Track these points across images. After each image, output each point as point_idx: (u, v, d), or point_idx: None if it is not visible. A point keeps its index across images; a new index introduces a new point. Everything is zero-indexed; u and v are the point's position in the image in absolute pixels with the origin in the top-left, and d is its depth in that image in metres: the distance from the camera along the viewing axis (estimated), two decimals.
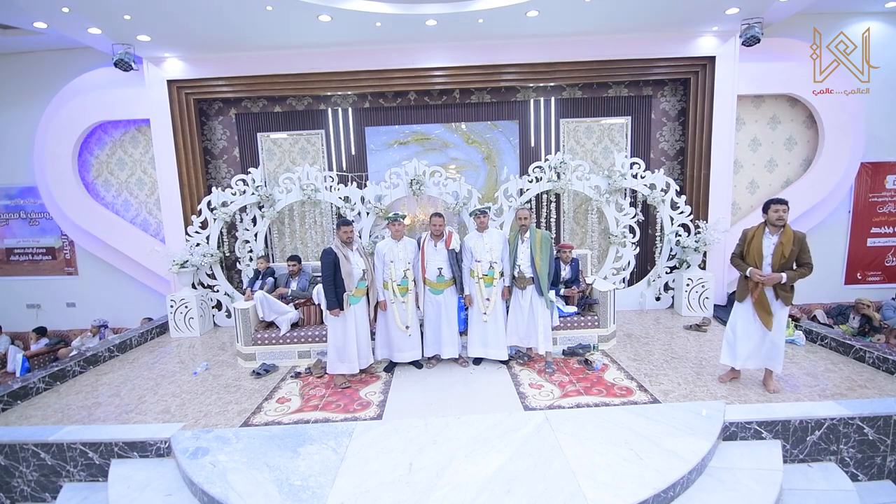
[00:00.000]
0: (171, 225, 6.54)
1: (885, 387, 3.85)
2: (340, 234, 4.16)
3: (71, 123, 6.56)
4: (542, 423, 3.39)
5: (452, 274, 4.44)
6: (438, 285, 4.42)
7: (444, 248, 4.40)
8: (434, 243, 4.42)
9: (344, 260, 4.09)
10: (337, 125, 6.87)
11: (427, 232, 4.52)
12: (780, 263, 3.60)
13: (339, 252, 4.10)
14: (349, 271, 4.09)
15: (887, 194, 7.07)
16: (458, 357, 4.64)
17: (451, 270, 4.43)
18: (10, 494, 3.52)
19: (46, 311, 7.69)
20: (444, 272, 4.40)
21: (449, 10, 5.26)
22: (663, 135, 6.87)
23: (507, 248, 4.51)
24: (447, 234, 4.43)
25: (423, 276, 4.41)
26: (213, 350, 5.58)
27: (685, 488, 2.84)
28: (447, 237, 4.41)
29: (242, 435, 3.42)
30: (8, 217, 7.58)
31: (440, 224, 4.38)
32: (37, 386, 4.48)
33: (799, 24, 6.33)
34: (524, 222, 4.38)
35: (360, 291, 4.21)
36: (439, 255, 4.40)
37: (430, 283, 4.42)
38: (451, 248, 4.40)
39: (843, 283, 7.26)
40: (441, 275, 4.40)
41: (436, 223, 4.38)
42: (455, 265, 4.43)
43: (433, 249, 4.42)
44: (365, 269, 4.26)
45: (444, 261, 4.40)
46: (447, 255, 4.40)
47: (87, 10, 4.96)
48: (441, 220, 4.38)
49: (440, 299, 4.46)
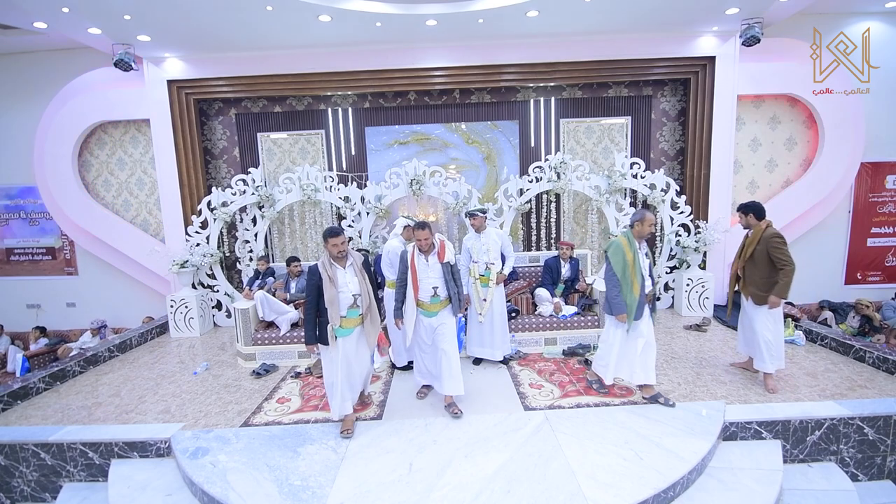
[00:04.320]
0: (171, 225, 6.54)
1: (885, 387, 3.85)
2: (329, 247, 3.30)
3: (71, 123, 6.55)
4: (542, 423, 3.39)
5: (448, 292, 3.69)
6: (433, 307, 3.65)
7: (437, 262, 3.64)
8: (425, 258, 3.66)
9: (328, 282, 3.25)
10: (337, 125, 6.87)
11: (412, 244, 3.77)
12: (744, 259, 3.91)
13: (324, 272, 3.27)
14: (332, 297, 3.23)
15: (887, 194, 7.07)
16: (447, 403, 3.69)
17: (446, 288, 3.68)
18: (10, 494, 3.52)
19: (46, 311, 7.69)
20: (439, 291, 3.65)
21: (449, 10, 5.25)
22: (663, 135, 6.87)
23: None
24: (439, 244, 3.70)
25: (415, 296, 3.64)
26: (213, 350, 5.58)
27: (685, 488, 2.84)
28: (439, 248, 3.68)
29: (242, 435, 3.42)
30: (8, 217, 7.58)
31: (426, 238, 3.60)
32: (37, 386, 4.48)
33: (799, 24, 6.33)
34: (652, 229, 3.62)
35: (351, 322, 3.37)
36: (432, 272, 3.64)
37: (424, 304, 3.65)
38: (446, 262, 3.66)
39: (843, 283, 7.26)
40: (436, 294, 3.65)
41: (421, 238, 3.58)
42: (451, 281, 3.68)
43: (424, 265, 3.64)
44: (358, 294, 3.36)
45: (439, 277, 3.65)
46: (441, 269, 3.66)
47: (87, 10, 4.96)
48: (426, 233, 3.58)
49: (434, 323, 3.68)
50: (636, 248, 3.51)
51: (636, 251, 3.50)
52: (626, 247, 3.50)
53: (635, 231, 3.53)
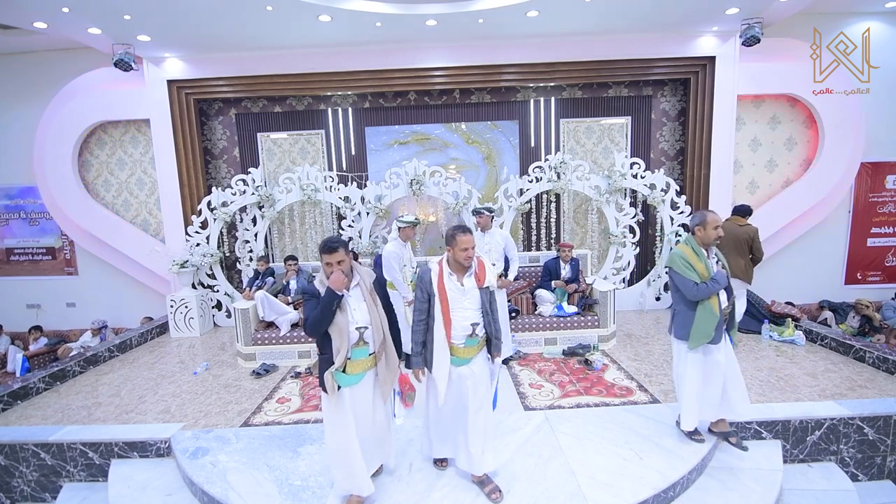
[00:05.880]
0: (171, 225, 6.54)
1: (885, 387, 3.85)
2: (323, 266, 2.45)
3: (71, 123, 6.55)
4: (542, 423, 3.39)
5: (486, 329, 2.66)
6: (467, 351, 2.61)
7: (475, 286, 2.61)
8: (459, 280, 2.59)
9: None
10: (337, 125, 6.87)
11: (441, 259, 2.67)
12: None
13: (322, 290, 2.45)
14: (343, 326, 2.42)
15: (887, 194, 7.07)
16: (477, 480, 2.72)
17: (485, 323, 2.65)
18: (10, 494, 3.52)
19: (46, 311, 7.69)
20: (477, 329, 2.61)
21: (449, 10, 5.25)
22: (663, 135, 6.87)
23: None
24: (477, 263, 2.64)
25: (446, 337, 2.56)
26: (213, 350, 5.58)
27: (685, 488, 2.84)
28: (478, 268, 2.63)
29: (242, 435, 3.42)
30: (8, 217, 7.58)
31: (470, 249, 2.54)
32: (37, 386, 4.48)
33: (799, 24, 6.32)
34: (719, 233, 2.90)
35: (358, 365, 2.50)
36: (470, 301, 2.60)
37: (457, 349, 2.60)
38: (486, 287, 2.64)
39: (843, 283, 7.26)
40: (474, 334, 2.60)
41: (467, 246, 2.53)
42: (489, 313, 2.66)
43: (459, 291, 2.58)
44: (365, 326, 2.48)
45: (478, 309, 2.62)
46: (480, 297, 2.63)
47: (87, 10, 4.96)
48: (469, 239, 2.55)
49: (464, 372, 2.62)
50: (704, 257, 2.89)
51: (706, 262, 2.87)
52: (692, 258, 2.86)
53: (698, 237, 2.91)
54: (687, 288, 2.86)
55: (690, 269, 2.84)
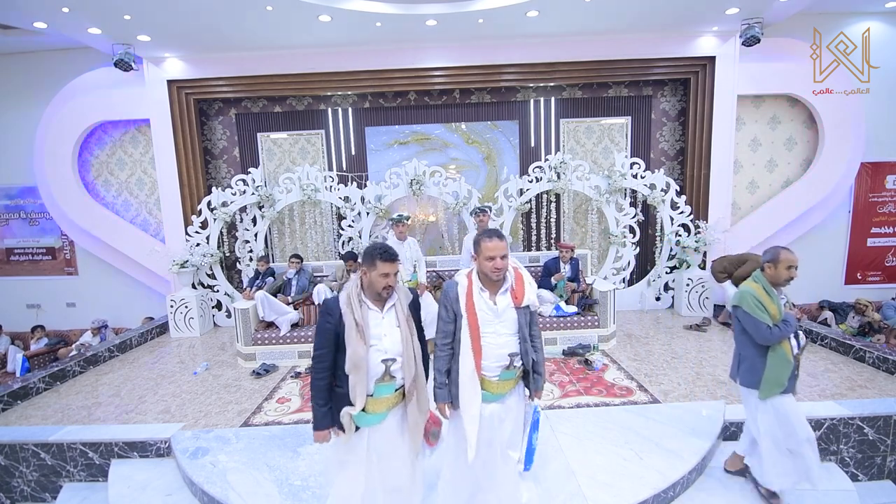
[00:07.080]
0: (171, 225, 6.54)
1: (885, 387, 3.85)
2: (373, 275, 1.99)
3: (71, 123, 6.55)
4: (542, 423, 3.39)
5: (522, 360, 2.19)
6: (502, 385, 2.17)
7: (511, 306, 2.13)
8: (492, 298, 2.12)
9: (354, 331, 1.95)
10: (337, 125, 6.87)
11: (470, 271, 2.19)
12: None
13: (349, 313, 1.97)
14: (360, 359, 1.94)
15: (887, 194, 7.07)
16: None
17: (521, 351, 2.17)
18: (10, 494, 3.52)
19: (46, 311, 7.69)
20: (515, 360, 2.16)
21: (449, 10, 5.25)
22: (663, 135, 6.87)
23: None
24: (514, 275, 2.17)
25: (476, 367, 2.10)
26: (213, 350, 5.58)
27: (685, 488, 2.84)
28: (515, 282, 2.16)
29: (242, 435, 3.42)
30: (8, 217, 7.58)
31: (499, 259, 2.06)
32: (37, 386, 4.48)
33: (799, 24, 6.32)
34: (793, 274, 2.58)
35: (381, 403, 2.03)
36: (505, 325, 2.13)
37: (489, 382, 2.14)
38: (525, 306, 2.16)
39: (843, 283, 7.26)
40: (511, 365, 2.15)
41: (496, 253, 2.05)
42: (527, 339, 2.18)
43: (491, 312, 2.12)
44: (394, 359, 2.01)
45: (513, 333, 2.15)
46: (518, 319, 2.15)
47: (87, 10, 4.96)
48: (497, 245, 2.06)
49: (496, 410, 2.19)
50: (777, 297, 2.59)
51: (779, 302, 2.58)
52: (765, 298, 2.54)
53: (768, 275, 2.60)
54: (759, 331, 2.53)
55: (762, 309, 2.52)
